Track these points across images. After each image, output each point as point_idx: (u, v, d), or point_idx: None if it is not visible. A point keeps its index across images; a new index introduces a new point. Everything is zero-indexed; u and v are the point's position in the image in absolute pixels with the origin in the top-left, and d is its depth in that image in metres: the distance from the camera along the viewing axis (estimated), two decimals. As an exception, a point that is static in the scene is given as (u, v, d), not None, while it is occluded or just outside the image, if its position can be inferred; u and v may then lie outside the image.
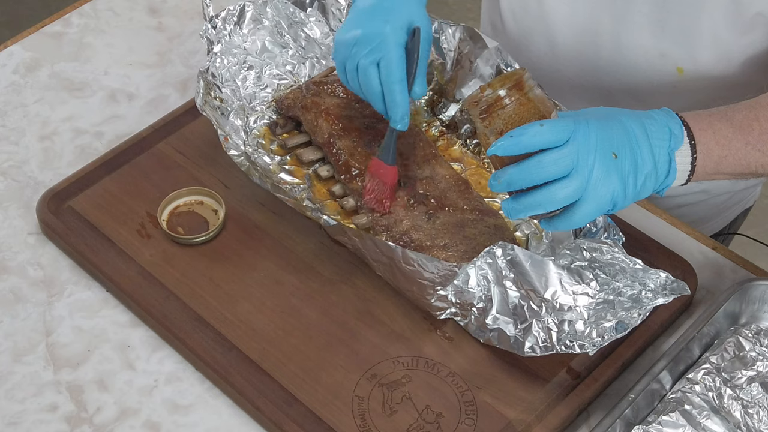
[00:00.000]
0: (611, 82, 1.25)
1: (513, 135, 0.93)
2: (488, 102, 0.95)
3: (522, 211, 0.96)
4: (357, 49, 1.09)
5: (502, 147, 0.93)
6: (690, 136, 0.98)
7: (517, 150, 0.93)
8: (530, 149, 0.93)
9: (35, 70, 1.38)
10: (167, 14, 1.46)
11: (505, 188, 0.95)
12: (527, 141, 0.92)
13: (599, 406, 1.06)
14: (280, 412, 1.03)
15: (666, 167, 0.97)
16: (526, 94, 0.95)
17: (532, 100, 0.95)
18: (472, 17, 2.68)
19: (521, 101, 0.95)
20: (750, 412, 1.02)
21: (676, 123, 0.98)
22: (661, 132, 0.97)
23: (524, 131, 0.93)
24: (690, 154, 0.98)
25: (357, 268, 1.14)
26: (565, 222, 0.96)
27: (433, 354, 1.08)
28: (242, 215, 1.19)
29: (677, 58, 1.18)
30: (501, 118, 0.95)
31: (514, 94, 0.95)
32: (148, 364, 1.09)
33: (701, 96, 1.21)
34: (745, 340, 1.07)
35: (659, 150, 0.96)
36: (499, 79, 0.97)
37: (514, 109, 0.95)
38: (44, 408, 1.06)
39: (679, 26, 1.16)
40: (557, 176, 0.93)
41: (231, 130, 1.21)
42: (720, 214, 1.40)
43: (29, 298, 1.14)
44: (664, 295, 1.03)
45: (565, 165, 0.93)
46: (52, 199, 1.19)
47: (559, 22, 1.23)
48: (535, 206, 0.95)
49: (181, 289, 1.12)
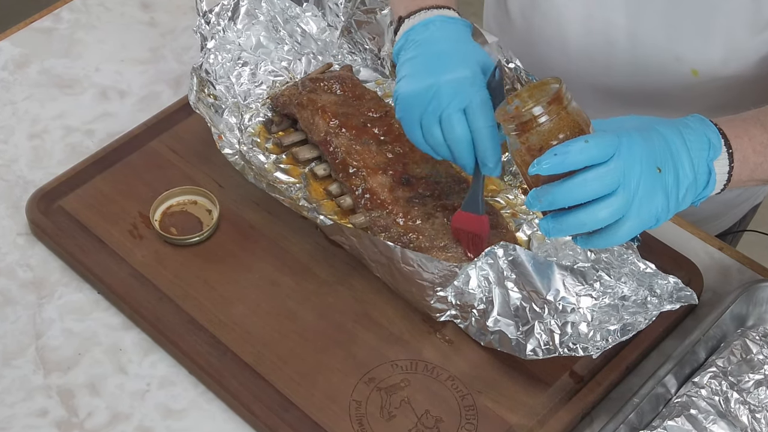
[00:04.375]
0: (624, 84, 1.24)
1: (557, 153, 0.88)
2: (524, 118, 0.90)
3: (563, 231, 0.91)
4: (438, 100, 1.02)
5: (547, 166, 0.88)
6: (727, 144, 0.95)
7: (562, 168, 0.88)
8: (575, 167, 0.88)
9: (25, 66, 1.37)
10: (160, 9, 1.45)
11: (546, 207, 0.91)
12: (573, 158, 0.88)
13: (603, 410, 1.05)
14: (276, 417, 1.03)
15: (705, 178, 0.94)
16: (565, 108, 0.90)
17: (571, 114, 0.90)
18: (473, 11, 2.67)
19: (561, 116, 0.90)
20: (757, 416, 1.01)
21: (713, 131, 0.95)
22: (700, 142, 0.94)
23: (569, 148, 0.88)
24: (728, 163, 0.95)
25: (354, 269, 1.13)
26: (606, 240, 0.92)
27: (433, 357, 1.07)
28: (237, 215, 1.18)
29: (692, 61, 1.17)
30: (539, 134, 0.90)
31: (554, 110, 0.90)
32: (141, 368, 1.08)
33: (716, 98, 1.20)
34: (752, 343, 1.06)
35: (699, 161, 0.94)
36: (529, 90, 0.92)
37: (552, 124, 0.90)
38: (34, 413, 1.05)
39: (694, 28, 1.15)
40: (601, 194, 0.89)
41: (225, 127, 1.20)
42: (729, 211, 1.39)
43: (18, 300, 1.13)
44: (670, 302, 1.03)
45: (610, 182, 0.89)
46: (42, 198, 1.19)
47: (572, 21, 1.22)
48: (578, 226, 0.90)
49: (174, 291, 1.12)
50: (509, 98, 0.93)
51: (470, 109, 1.02)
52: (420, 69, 1.05)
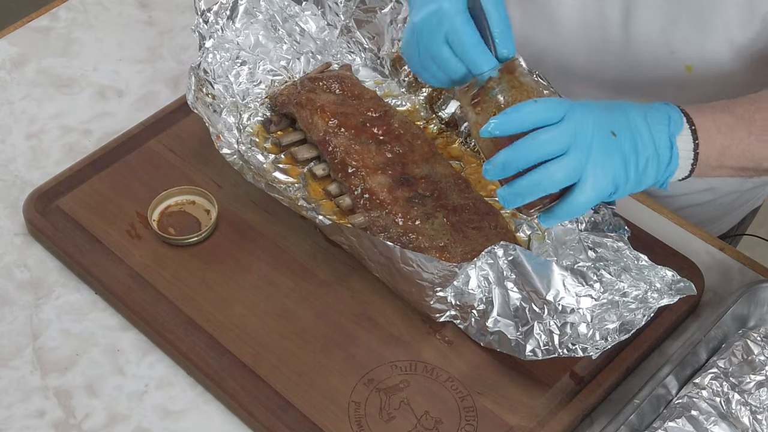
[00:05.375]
0: (618, 77, 1.24)
1: (507, 113, 0.91)
2: (479, 86, 0.93)
3: (519, 194, 0.93)
4: (423, 41, 1.00)
5: (495, 124, 0.91)
6: (689, 121, 0.97)
7: (510, 128, 0.91)
8: (525, 128, 0.91)
9: (22, 65, 1.37)
10: (158, 8, 1.45)
11: (500, 172, 0.93)
12: (522, 118, 0.90)
13: (603, 411, 1.05)
14: (274, 418, 1.02)
15: (668, 153, 0.95)
16: (517, 78, 0.93)
17: (525, 84, 0.93)
18: (470, 8, 2.67)
19: (513, 84, 0.93)
20: (759, 417, 1.01)
21: (674, 110, 0.97)
22: (660, 117, 0.96)
23: (517, 108, 0.91)
24: (691, 141, 0.96)
25: (353, 269, 1.13)
26: (566, 209, 0.93)
27: (432, 358, 1.07)
28: (235, 215, 1.18)
29: (686, 56, 1.17)
30: (492, 102, 0.93)
31: (506, 78, 0.93)
32: (139, 369, 1.08)
33: (710, 94, 1.19)
34: (754, 344, 1.06)
35: (659, 134, 0.95)
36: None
37: (506, 93, 0.93)
38: (31, 414, 1.05)
39: (689, 23, 1.15)
40: (554, 155, 0.91)
41: (223, 127, 1.20)
42: (728, 214, 1.39)
43: (16, 301, 1.13)
44: (669, 295, 1.02)
45: (562, 142, 0.90)
46: (39, 198, 1.18)
47: (566, 15, 1.22)
48: (533, 187, 0.92)
49: (172, 292, 1.11)
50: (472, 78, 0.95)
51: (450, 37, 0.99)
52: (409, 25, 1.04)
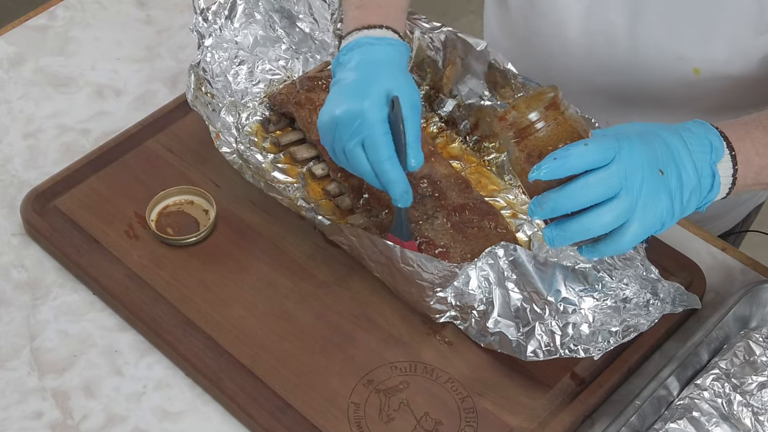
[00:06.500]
0: (626, 84, 1.23)
1: (557, 157, 0.87)
2: (522, 124, 0.90)
3: (568, 238, 0.90)
4: (339, 133, 1.04)
5: (546, 171, 0.87)
6: (729, 147, 0.95)
7: (562, 173, 0.87)
8: (575, 171, 0.87)
9: (19, 64, 1.37)
10: (156, 7, 1.44)
11: (548, 215, 0.90)
12: (572, 162, 0.87)
13: (604, 412, 1.05)
14: (273, 420, 1.02)
15: (710, 181, 0.93)
16: (562, 114, 0.90)
17: (569, 120, 0.90)
18: (472, 9, 2.66)
19: (558, 121, 0.90)
20: (761, 419, 1.00)
21: (714, 134, 0.94)
22: (702, 145, 0.93)
23: (569, 152, 0.87)
24: (731, 166, 0.94)
25: (353, 270, 1.13)
26: (612, 246, 0.91)
27: (432, 359, 1.06)
28: (234, 215, 1.18)
29: (694, 59, 1.17)
30: (537, 141, 0.89)
31: (551, 115, 0.89)
32: (137, 370, 1.08)
33: (719, 98, 1.20)
34: (756, 345, 1.05)
35: (702, 164, 0.93)
36: (526, 99, 0.92)
37: (550, 130, 0.89)
38: (29, 415, 1.04)
39: (696, 27, 1.14)
40: (604, 198, 0.88)
41: (222, 126, 1.20)
42: (732, 210, 1.39)
43: (13, 301, 1.13)
44: (673, 306, 1.02)
45: (612, 185, 0.88)
46: (37, 198, 1.18)
47: (572, 21, 1.21)
48: (582, 232, 0.89)
49: (170, 292, 1.11)
50: (507, 108, 0.92)
51: (366, 143, 1.02)
52: (332, 98, 1.05)
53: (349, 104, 1.03)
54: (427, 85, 1.26)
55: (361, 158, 1.03)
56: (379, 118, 1.02)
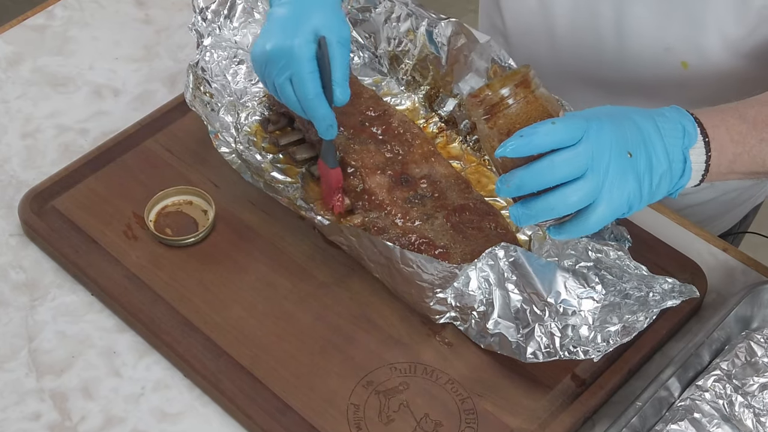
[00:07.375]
0: (615, 77, 1.23)
1: (524, 134, 0.88)
2: (492, 101, 0.91)
3: (533, 216, 0.91)
4: (269, 69, 1.07)
5: (512, 148, 0.88)
6: (703, 133, 0.95)
7: (528, 150, 0.88)
8: (542, 149, 0.88)
9: (17, 64, 1.36)
10: (154, 6, 1.44)
11: (514, 192, 0.90)
12: (539, 140, 0.88)
13: (605, 414, 1.04)
14: (273, 421, 1.02)
15: (681, 166, 0.94)
16: (532, 92, 0.91)
17: (539, 99, 0.91)
18: (472, 9, 2.66)
19: (528, 99, 0.91)
20: (762, 420, 1.00)
21: (688, 120, 0.95)
22: (674, 129, 0.94)
23: (536, 130, 0.88)
24: (704, 152, 0.95)
25: (352, 270, 1.12)
26: (578, 227, 0.91)
27: (432, 360, 1.06)
28: (233, 215, 1.17)
29: (682, 52, 1.17)
30: (506, 117, 0.91)
31: (521, 92, 0.91)
32: (135, 371, 1.07)
33: (708, 91, 1.19)
34: (757, 346, 1.05)
35: (673, 148, 0.93)
36: (501, 79, 0.93)
37: (520, 107, 0.91)
38: (27, 416, 1.04)
39: (683, 19, 1.15)
40: (570, 177, 0.89)
41: (221, 126, 1.20)
42: (730, 211, 1.39)
43: (11, 302, 1.12)
44: (672, 298, 1.01)
45: (579, 165, 0.88)
46: (35, 199, 1.18)
47: (559, 14, 1.22)
48: (548, 210, 0.90)
49: (169, 293, 1.10)
50: (481, 87, 0.93)
51: (294, 79, 1.06)
52: (266, 31, 1.09)
53: (278, 40, 1.06)
54: (428, 84, 1.26)
55: (289, 93, 1.07)
56: (307, 56, 1.06)
